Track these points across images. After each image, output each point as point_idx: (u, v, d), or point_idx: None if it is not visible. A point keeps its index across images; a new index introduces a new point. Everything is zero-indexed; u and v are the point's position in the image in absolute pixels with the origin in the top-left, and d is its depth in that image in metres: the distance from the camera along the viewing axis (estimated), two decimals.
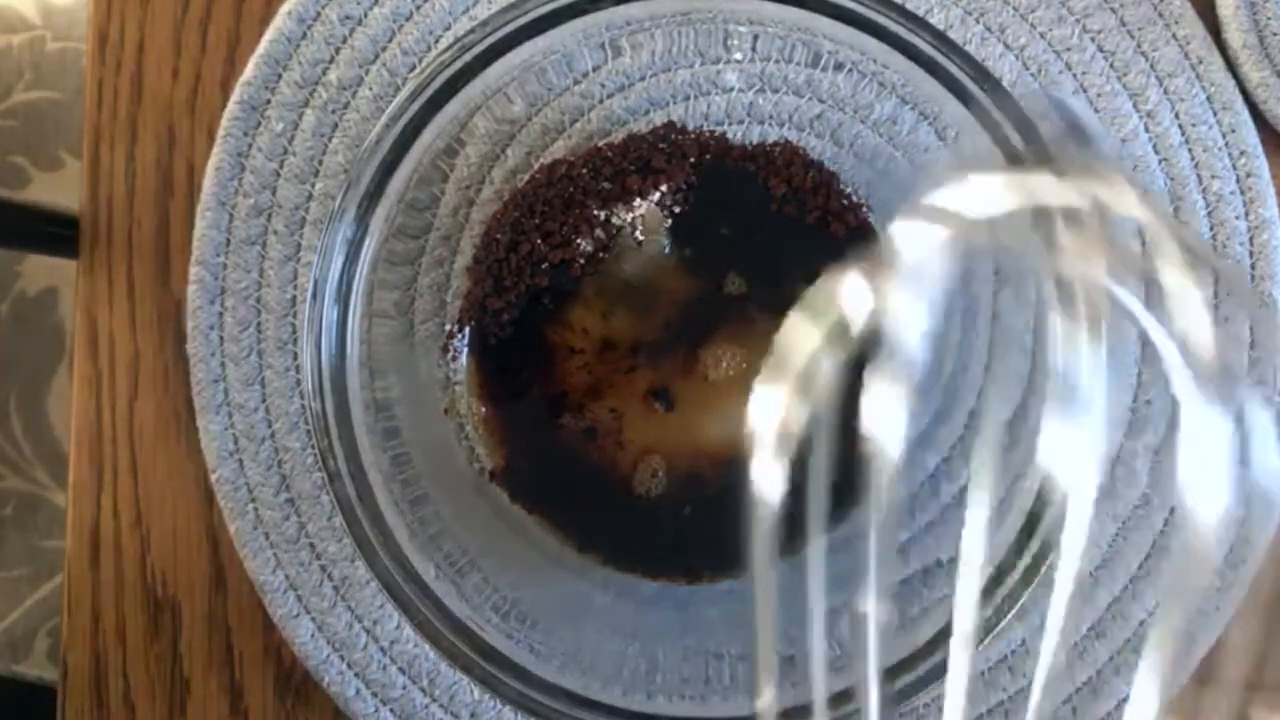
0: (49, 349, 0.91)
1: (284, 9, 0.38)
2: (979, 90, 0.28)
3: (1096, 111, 0.38)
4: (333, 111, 0.38)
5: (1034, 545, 0.28)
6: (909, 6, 0.37)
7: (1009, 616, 0.28)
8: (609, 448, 0.36)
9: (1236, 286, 0.29)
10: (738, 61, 0.36)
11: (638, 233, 0.36)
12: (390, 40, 0.38)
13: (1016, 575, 0.28)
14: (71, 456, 0.38)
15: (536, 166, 0.36)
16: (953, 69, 0.28)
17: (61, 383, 0.90)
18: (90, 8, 0.39)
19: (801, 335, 0.23)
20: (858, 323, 0.22)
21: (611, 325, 0.36)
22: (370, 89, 0.38)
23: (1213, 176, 0.38)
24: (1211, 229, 0.38)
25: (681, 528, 0.35)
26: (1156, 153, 0.38)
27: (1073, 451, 0.22)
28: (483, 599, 0.29)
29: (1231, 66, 0.38)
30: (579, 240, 0.36)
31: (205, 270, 0.37)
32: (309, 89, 0.38)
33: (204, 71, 0.39)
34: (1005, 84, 0.35)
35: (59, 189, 0.91)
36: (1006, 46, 0.38)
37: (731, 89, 0.37)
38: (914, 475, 0.36)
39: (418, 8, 0.38)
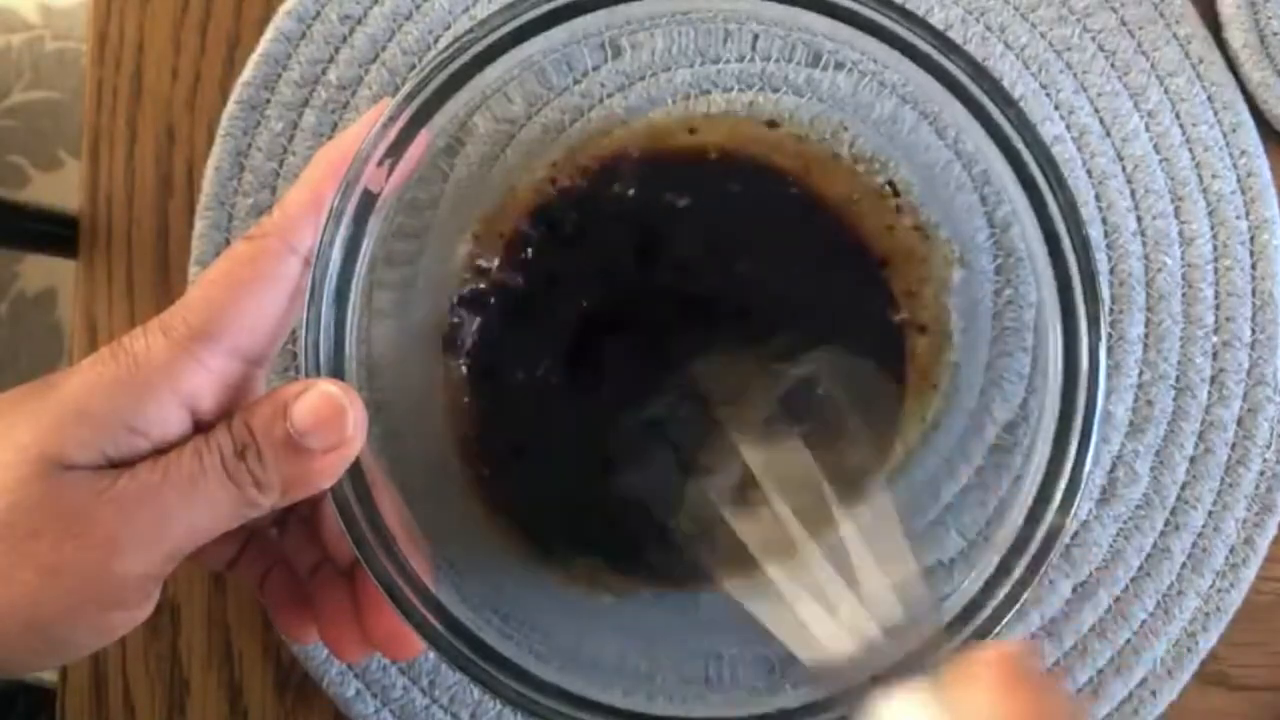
0: (48, 349, 0.91)
1: (283, 8, 0.38)
2: (979, 90, 0.28)
3: (1097, 111, 0.38)
4: (333, 111, 0.38)
5: (1033, 545, 0.28)
6: (909, 6, 0.37)
7: (1008, 617, 0.28)
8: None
9: None
10: (737, 60, 0.37)
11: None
12: (390, 40, 0.38)
13: (1016, 575, 0.28)
14: None
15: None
16: (953, 69, 0.28)
17: None
18: (90, 8, 0.39)
19: None
20: None
21: None
22: (370, 89, 0.38)
23: (1213, 176, 0.38)
24: (1212, 228, 0.38)
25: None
26: (1157, 152, 0.38)
27: None
28: (482, 600, 0.29)
29: (1232, 66, 0.38)
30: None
31: (205, 270, 0.37)
32: (309, 89, 0.38)
33: (203, 71, 0.39)
34: (1005, 83, 0.35)
35: (58, 189, 0.91)
36: (1007, 46, 0.38)
37: (731, 88, 0.37)
38: (914, 475, 0.36)
39: (417, 7, 0.38)
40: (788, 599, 0.27)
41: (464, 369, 0.36)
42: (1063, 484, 0.28)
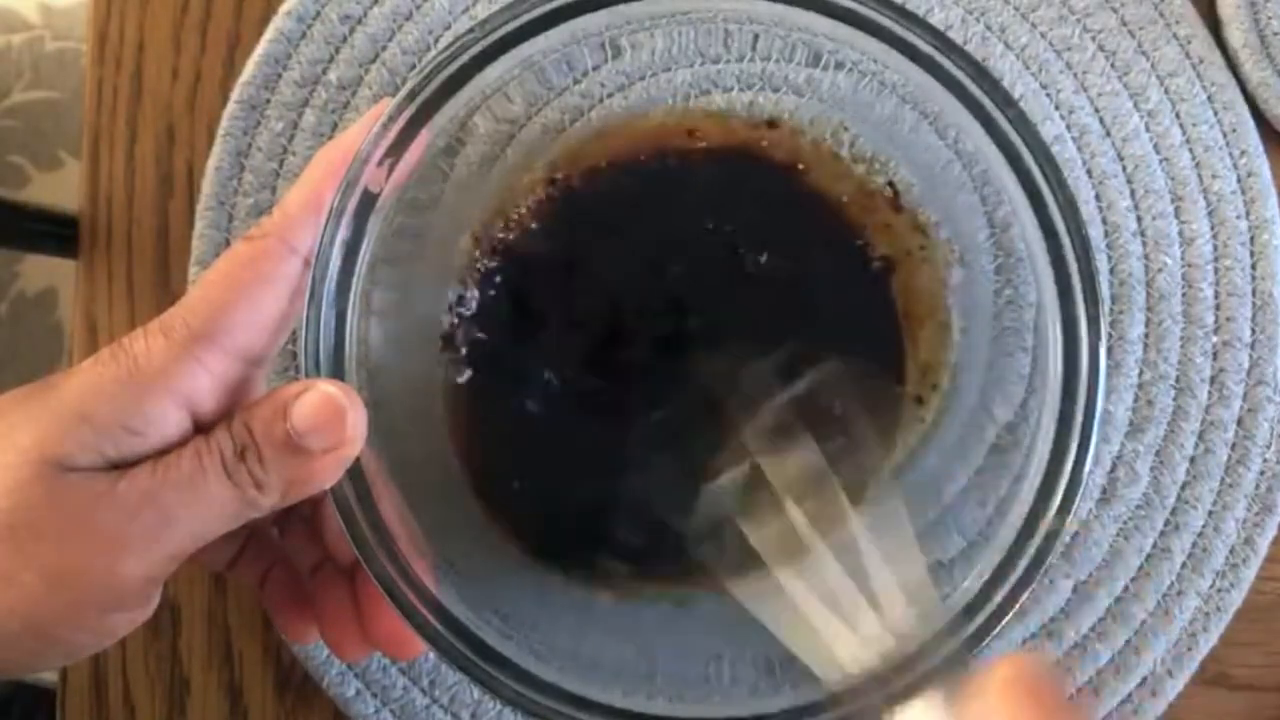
0: (48, 349, 0.91)
1: (283, 9, 0.38)
2: (979, 90, 0.28)
3: (1097, 111, 0.38)
4: (333, 111, 0.38)
5: (1033, 545, 0.28)
6: (909, 6, 0.37)
7: (1008, 617, 0.28)
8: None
9: None
10: (737, 60, 0.37)
11: None
12: (390, 40, 0.38)
13: (1016, 575, 0.28)
14: None
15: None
16: (953, 69, 0.28)
17: None
18: (90, 8, 0.39)
19: None
20: None
21: None
22: (370, 89, 0.38)
23: (1213, 176, 0.38)
24: (1212, 228, 0.38)
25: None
26: (1157, 152, 0.38)
27: None
28: (482, 600, 0.29)
29: (1232, 66, 0.38)
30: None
31: (205, 270, 0.37)
32: (309, 89, 0.38)
33: (204, 71, 0.39)
34: (1005, 83, 0.35)
35: (58, 189, 0.91)
36: (1007, 46, 0.38)
37: (731, 88, 0.37)
38: (914, 476, 0.36)
39: (417, 7, 0.38)
40: (800, 607, 0.27)
41: (464, 369, 0.36)
42: (1063, 484, 0.28)
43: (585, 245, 0.36)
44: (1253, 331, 0.38)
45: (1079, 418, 0.28)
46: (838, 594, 0.27)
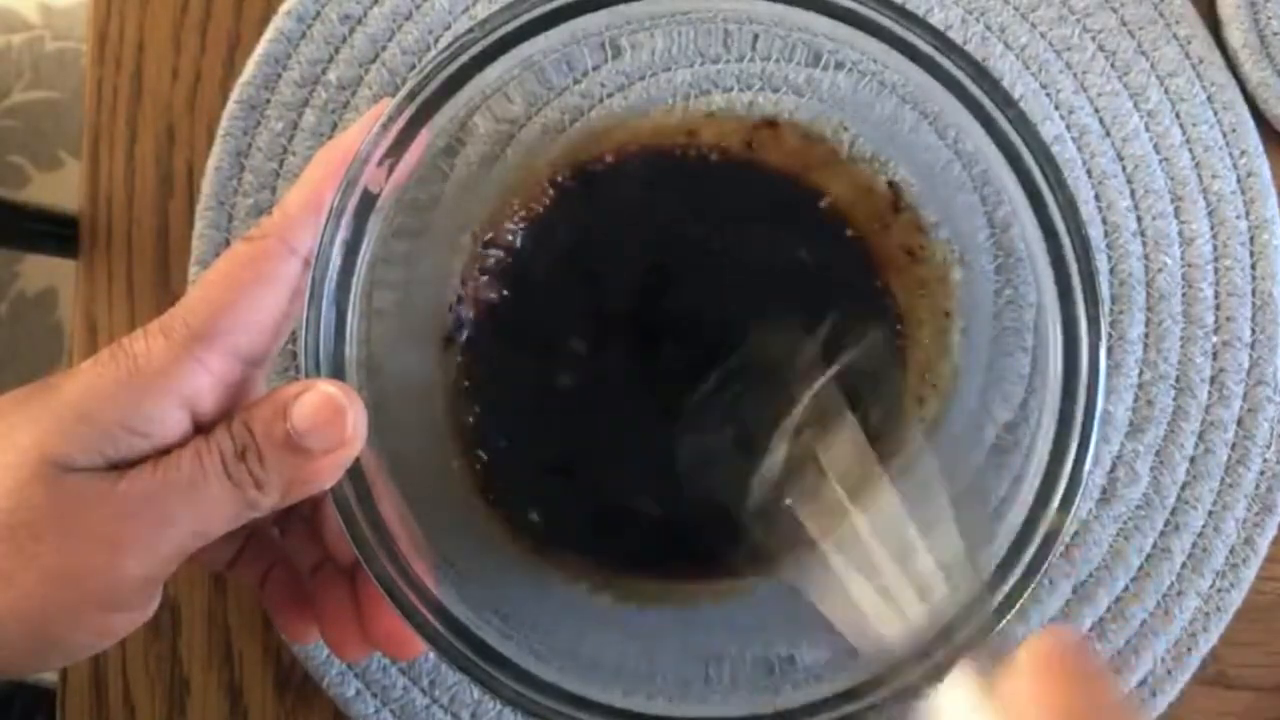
0: (48, 349, 0.91)
1: (283, 8, 0.38)
2: (979, 90, 0.28)
3: (1097, 111, 0.38)
4: (333, 111, 0.38)
5: (1033, 546, 0.28)
6: (909, 6, 0.37)
7: (1009, 617, 0.28)
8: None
9: None
10: (737, 60, 0.37)
11: None
12: (390, 40, 0.38)
13: (1016, 575, 0.28)
14: None
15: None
16: (953, 69, 0.28)
17: None
18: (90, 8, 0.39)
19: None
20: None
21: None
22: (370, 89, 0.38)
23: (1213, 176, 0.38)
24: (1212, 229, 0.38)
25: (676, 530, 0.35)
26: (1157, 152, 0.38)
27: None
28: (482, 600, 0.29)
29: (1232, 66, 0.38)
30: None
31: (205, 270, 0.37)
32: (309, 89, 0.38)
33: (204, 71, 0.39)
34: (1005, 83, 0.35)
35: (58, 189, 0.91)
36: (1007, 46, 0.38)
37: (731, 88, 0.37)
38: (914, 476, 0.36)
39: (417, 7, 0.38)
40: (842, 580, 0.27)
41: (464, 368, 0.36)
42: (1063, 484, 0.28)
43: (586, 244, 0.36)
44: (1253, 331, 0.38)
45: (1079, 418, 0.28)
46: (880, 570, 0.27)
